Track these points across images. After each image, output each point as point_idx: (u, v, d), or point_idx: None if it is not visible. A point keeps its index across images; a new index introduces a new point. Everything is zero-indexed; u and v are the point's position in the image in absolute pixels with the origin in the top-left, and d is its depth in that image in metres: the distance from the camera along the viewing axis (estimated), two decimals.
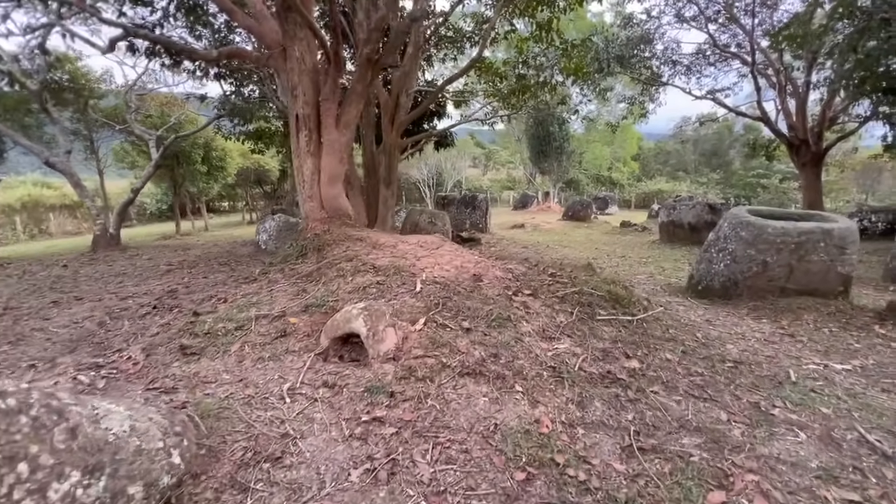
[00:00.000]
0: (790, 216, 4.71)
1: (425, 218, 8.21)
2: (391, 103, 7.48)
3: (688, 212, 9.26)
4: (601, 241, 11.14)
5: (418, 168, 26.69)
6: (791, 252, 4.23)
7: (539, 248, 9.41)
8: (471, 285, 3.29)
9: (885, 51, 7.92)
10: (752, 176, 36.61)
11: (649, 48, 14.08)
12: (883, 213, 10.58)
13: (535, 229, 14.54)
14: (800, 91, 12.39)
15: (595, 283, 3.60)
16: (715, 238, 4.75)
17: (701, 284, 4.80)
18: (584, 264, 5.27)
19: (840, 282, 4.28)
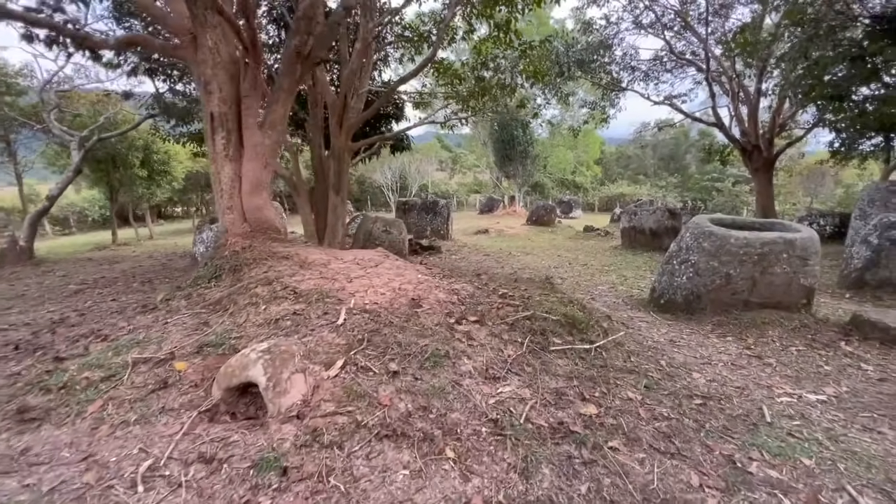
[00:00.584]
0: (752, 225, 4.52)
1: (380, 226, 7.69)
2: (339, 104, 6.93)
3: (648, 217, 9.17)
4: (564, 247, 10.94)
5: (381, 172, 26.03)
6: (754, 264, 4.01)
7: (501, 257, 9.07)
8: (407, 313, 2.82)
9: (831, 59, 8.07)
10: (707, 180, 38.04)
11: (609, 53, 14.14)
12: (830, 216, 10.90)
13: (499, 235, 14.26)
14: (751, 98, 12.69)
15: (550, 304, 3.21)
16: (677, 249, 4.49)
17: (663, 298, 4.53)
18: (543, 278, 4.91)
19: (803, 294, 4.09)
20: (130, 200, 14.62)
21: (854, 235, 7.45)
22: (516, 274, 6.68)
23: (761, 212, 13.21)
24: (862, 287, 5.42)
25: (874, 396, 2.62)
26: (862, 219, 7.27)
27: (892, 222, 5.24)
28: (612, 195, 36.44)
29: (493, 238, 13.49)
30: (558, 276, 6.72)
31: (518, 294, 3.39)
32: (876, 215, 7.13)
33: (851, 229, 7.54)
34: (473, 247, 10.78)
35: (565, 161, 35.67)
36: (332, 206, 7.40)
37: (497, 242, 12.21)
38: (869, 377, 2.90)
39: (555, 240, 12.92)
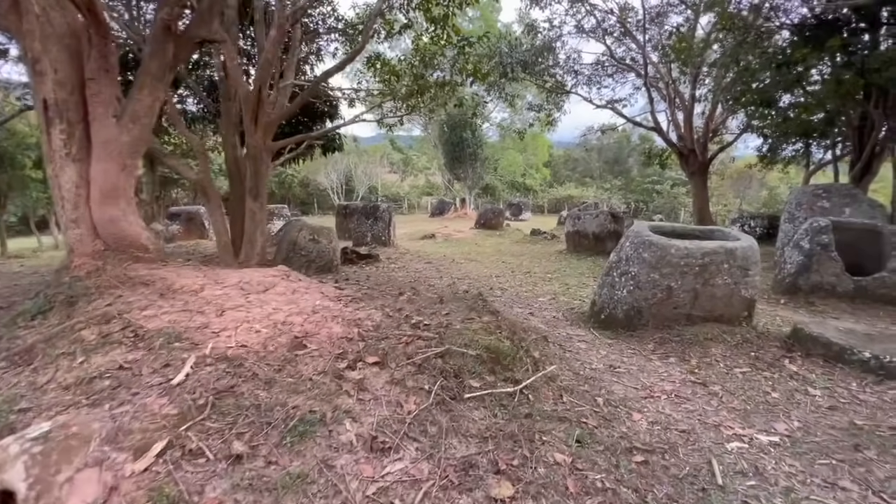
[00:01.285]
0: (692, 233, 4.27)
1: (306, 235, 6.94)
2: (253, 97, 6.13)
3: (591, 221, 9.02)
4: (510, 252, 10.63)
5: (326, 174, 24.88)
6: (696, 276, 3.72)
7: (443, 264, 8.57)
8: (283, 358, 2.20)
9: (759, 66, 8.24)
10: (648, 182, 39.82)
11: (552, 56, 14.10)
12: (760, 218, 11.34)
13: (445, 240, 13.79)
14: (686, 104, 13.05)
15: (472, 334, 2.70)
16: (617, 259, 4.15)
17: (604, 313, 4.18)
18: (475, 294, 4.42)
19: (744, 306, 3.86)
20: (24, 206, 12.77)
21: (784, 238, 7.60)
22: (454, 285, 6.18)
23: (697, 214, 13.63)
24: (796, 292, 5.38)
25: (827, 433, 2.31)
26: (790, 221, 7.43)
27: (821, 227, 5.23)
28: (561, 197, 37.24)
29: (439, 243, 13.00)
30: (499, 286, 6.30)
31: (436, 322, 2.85)
32: (804, 218, 7.29)
33: (781, 232, 7.69)
34: (416, 253, 10.21)
35: (515, 164, 36.03)
36: (250, 212, 6.57)
37: (442, 248, 11.71)
38: (818, 405, 2.62)
39: (501, 244, 12.63)
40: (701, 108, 14.10)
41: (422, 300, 3.65)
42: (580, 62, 15.33)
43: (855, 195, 7.07)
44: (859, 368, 3.01)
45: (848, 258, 5.31)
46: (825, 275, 5.17)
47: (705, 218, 13.43)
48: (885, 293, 5.00)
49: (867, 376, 2.93)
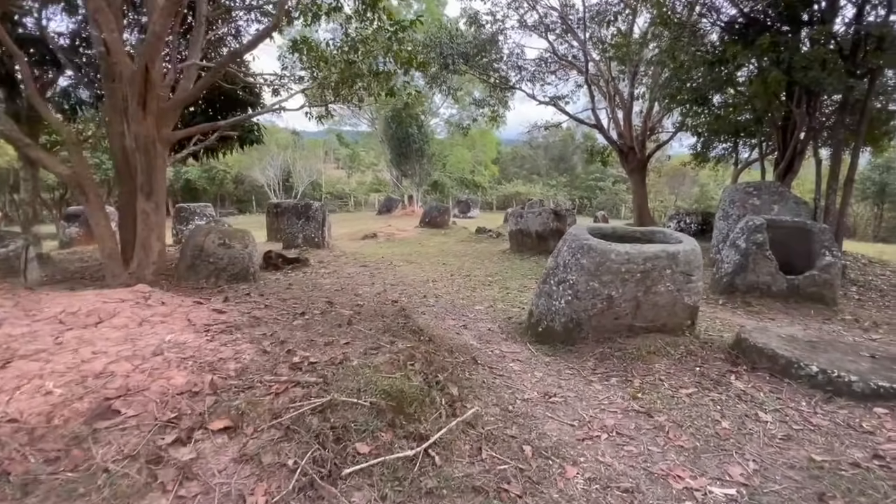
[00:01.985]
0: (633, 235, 3.95)
1: (214, 239, 6.03)
2: (138, 78, 5.16)
3: (534, 220, 8.73)
4: (453, 253, 10.16)
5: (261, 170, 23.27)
6: (637, 283, 3.37)
7: (379, 268, 7.93)
8: (74, 434, 1.51)
9: (694, 63, 8.26)
10: (591, 179, 41.18)
11: (496, 50, 13.78)
12: (695, 215, 11.62)
13: (388, 239, 13.11)
14: (625, 102, 13.21)
15: (370, 373, 2.12)
16: (554, 266, 3.73)
17: (541, 325, 3.75)
18: (397, 310, 3.85)
19: (687, 314, 3.57)
20: None
21: (718, 235, 7.68)
22: (384, 294, 5.58)
23: (637, 210, 13.89)
24: (733, 292, 5.28)
25: (787, 477, 1.96)
26: (724, 219, 7.51)
27: (756, 226, 5.14)
28: (509, 194, 37.57)
29: (380, 244, 12.30)
30: (435, 292, 5.77)
31: (327, 358, 2.25)
32: (737, 216, 7.37)
33: (716, 229, 7.77)
34: (353, 255, 9.48)
35: (464, 160, 35.81)
36: (142, 214, 5.59)
37: (382, 249, 11.04)
38: (772, 435, 2.30)
39: (445, 244, 12.15)
40: (639, 106, 14.41)
41: (325, 322, 3.02)
42: (524, 57, 15.16)
43: (782, 193, 7.23)
44: (807, 384, 2.75)
45: (780, 256, 5.28)
46: (761, 274, 5.10)
47: (644, 214, 13.71)
48: (815, 291, 4.99)
49: (816, 393, 2.68)
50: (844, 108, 6.92)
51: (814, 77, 5.99)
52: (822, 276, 4.91)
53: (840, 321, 4.76)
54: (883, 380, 2.61)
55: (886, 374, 2.72)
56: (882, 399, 2.55)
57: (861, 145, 7.36)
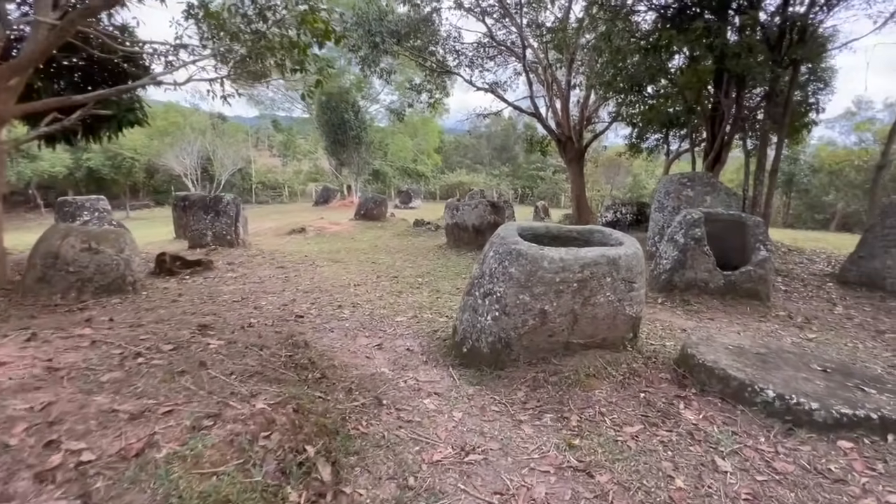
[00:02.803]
0: (568, 235, 3.44)
1: (75, 243, 4.83)
2: None
3: (470, 212, 8.18)
4: (385, 249, 9.40)
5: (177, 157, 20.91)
6: (574, 294, 2.85)
7: (298, 269, 7.01)
8: None
9: (630, 50, 8.01)
10: (532, 169, 41.73)
11: (431, 31, 12.99)
12: (630, 205, 11.68)
13: (317, 234, 12.05)
14: (563, 90, 13.00)
15: (177, 475, 1.37)
16: (480, 274, 3.13)
17: (466, 344, 3.15)
18: (286, 336, 3.09)
19: (629, 326, 3.12)
20: None
21: (654, 227, 7.55)
22: (291, 306, 4.74)
23: (575, 201, 13.85)
24: (672, 290, 5.02)
25: None
26: (660, 211, 7.37)
27: (695, 220, 4.88)
28: (452, 183, 37.11)
29: (308, 239, 11.25)
30: (353, 300, 5.01)
31: (114, 450, 1.46)
32: (672, 208, 7.24)
33: (652, 221, 7.64)
34: (272, 254, 8.43)
35: (405, 149, 34.76)
36: None
37: (308, 246, 10.03)
38: (735, 496, 1.83)
39: (380, 238, 11.34)
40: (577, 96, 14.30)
41: (164, 369, 2.19)
42: (461, 41, 14.51)
43: (714, 184, 7.20)
44: (763, 412, 2.36)
45: (715, 250, 5.09)
46: (699, 271, 4.86)
47: (582, 205, 13.70)
48: (751, 287, 4.83)
49: (774, 424, 2.29)
50: (770, 99, 6.95)
51: (745, 64, 5.87)
52: (758, 272, 4.75)
53: (774, 318, 4.62)
54: (843, 404, 2.26)
55: (843, 394, 2.39)
56: (845, 429, 2.20)
57: (785, 136, 7.50)
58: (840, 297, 5.93)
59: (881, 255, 6.13)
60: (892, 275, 6.00)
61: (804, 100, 8.58)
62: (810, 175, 22.75)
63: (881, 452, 2.07)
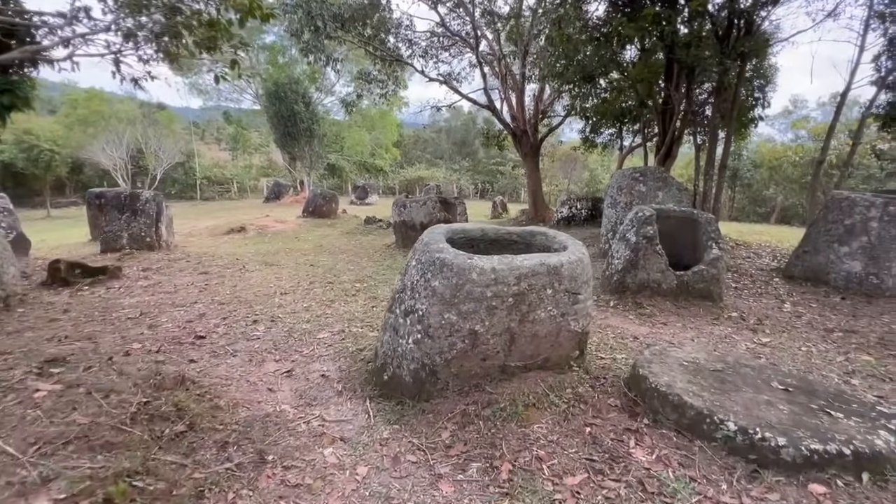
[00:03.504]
0: (507, 239, 2.99)
1: None
2: None
3: (418, 210, 7.66)
4: (330, 249, 8.73)
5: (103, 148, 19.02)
6: (510, 310, 2.40)
7: (225, 274, 6.25)
8: None
9: (581, 41, 7.72)
10: (492, 164, 41.68)
11: (379, 16, 12.28)
12: (585, 200, 11.53)
13: (259, 234, 11.15)
14: (518, 82, 12.68)
15: None
16: (401, 288, 2.63)
17: (388, 371, 2.64)
18: (148, 374, 2.47)
19: (575, 343, 2.72)
20: None
21: (608, 224, 7.32)
22: (200, 319, 4.07)
23: (531, 196, 13.63)
24: (624, 291, 4.72)
25: None
26: (613, 207, 7.15)
27: (647, 217, 4.60)
28: (412, 178, 36.40)
29: (247, 240, 10.36)
30: (274, 312, 4.38)
31: None
32: (625, 203, 7.03)
33: (605, 217, 7.41)
34: (198, 258, 7.56)
35: (362, 143, 33.65)
36: None
37: (245, 247, 9.18)
38: None
39: (327, 237, 10.61)
40: (532, 89, 14.06)
41: None
42: (413, 29, 13.89)
43: (666, 179, 7.04)
44: (725, 450, 2.00)
45: (667, 248, 4.84)
46: (651, 271, 4.58)
47: (539, 200, 13.49)
48: (703, 288, 4.61)
49: (737, 466, 1.93)
50: (719, 93, 6.84)
51: (694, 55, 5.68)
52: (710, 272, 4.52)
53: (727, 319, 4.41)
54: (811, 437, 1.94)
55: (810, 421, 2.07)
56: (815, 468, 1.87)
57: (732, 131, 7.47)
58: (787, 292, 5.88)
59: (824, 251, 6.15)
60: (835, 270, 6.02)
61: (750, 94, 8.66)
62: (752, 170, 23.83)
63: (857, 498, 1.75)
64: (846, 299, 5.61)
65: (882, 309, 5.27)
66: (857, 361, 3.47)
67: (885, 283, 5.70)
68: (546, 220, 12.77)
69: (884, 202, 5.78)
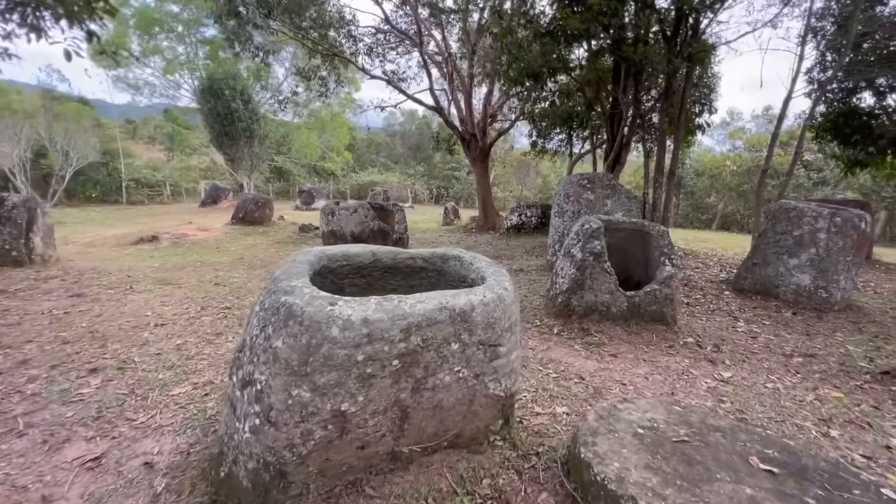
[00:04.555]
0: (412, 266, 2.23)
1: None
2: None
3: (348, 218, 6.79)
4: (250, 263, 7.65)
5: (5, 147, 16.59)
6: (397, 375, 1.63)
7: (100, 297, 5.08)
8: None
9: (527, 38, 7.18)
10: (447, 169, 41.21)
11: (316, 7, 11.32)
12: (535, 207, 11.09)
13: (173, 243, 9.80)
14: (465, 82, 12.10)
15: None
16: (240, 345, 1.80)
17: (224, 465, 1.79)
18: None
19: (496, 411, 2.00)
20: None
21: (555, 234, 6.78)
22: (14, 370, 3.00)
23: (481, 202, 13.07)
24: (570, 315, 4.11)
25: None
26: (560, 216, 6.61)
27: (594, 230, 4.01)
28: (364, 183, 35.19)
29: (156, 251, 9.02)
30: (132, 353, 3.39)
31: None
32: (573, 212, 6.50)
33: (552, 227, 6.87)
34: (80, 275, 6.27)
35: (310, 145, 32.06)
36: None
37: (147, 260, 7.91)
38: None
39: (252, 248, 9.47)
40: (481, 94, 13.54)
41: None
42: (356, 23, 13.01)
43: (614, 186, 6.60)
44: None
45: (617, 264, 4.30)
46: (599, 293, 3.99)
47: (488, 206, 12.95)
48: (656, 310, 4.07)
49: None
50: (667, 96, 6.49)
51: (643, 52, 5.24)
52: (664, 291, 3.99)
53: (683, 346, 3.89)
54: None
55: None
56: None
57: (682, 137, 7.18)
58: (739, 307, 5.55)
59: (774, 262, 5.89)
60: (785, 283, 5.77)
61: (697, 100, 8.52)
62: (695, 178, 24.71)
63: None
64: (797, 314, 5.33)
65: (833, 325, 5.01)
66: (828, 400, 2.99)
67: (833, 296, 5.48)
68: (496, 227, 12.24)
69: (830, 213, 5.58)
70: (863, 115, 9.54)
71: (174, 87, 30.36)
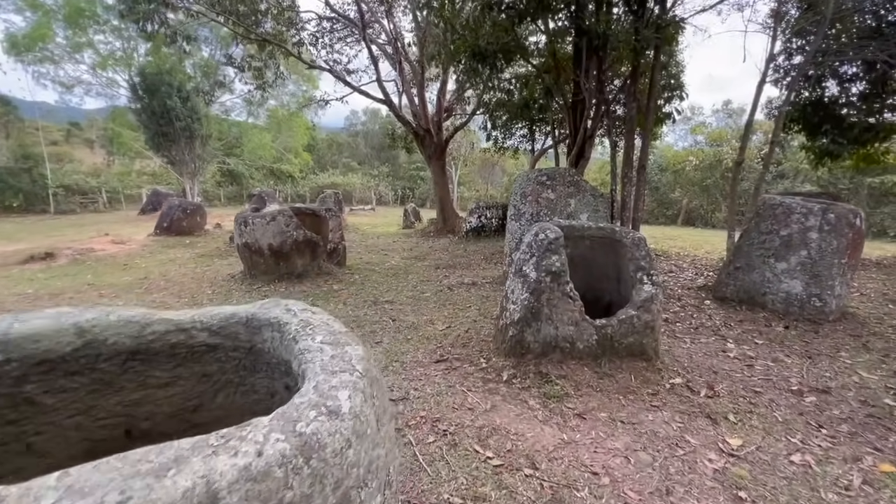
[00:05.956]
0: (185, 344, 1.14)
1: None
2: None
3: (265, 228, 5.59)
4: (156, 284, 6.32)
5: None
6: None
7: None
8: None
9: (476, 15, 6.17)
10: (413, 169, 40.04)
11: None
12: (495, 208, 10.16)
13: (74, 260, 8.28)
14: (417, 73, 11.04)
15: None
16: None
17: None
18: None
19: None
20: None
21: (511, 242, 5.82)
22: None
23: (439, 203, 12.04)
24: (524, 355, 3.11)
25: None
26: (517, 219, 5.65)
27: (551, 241, 3.03)
28: (324, 185, 33.53)
29: (45, 271, 7.52)
30: None
31: None
32: (531, 215, 5.55)
33: (508, 233, 5.90)
34: None
35: (264, 146, 30.16)
36: None
37: (21, 285, 6.45)
38: None
39: (168, 264, 8.07)
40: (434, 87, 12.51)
41: None
42: (296, 9, 11.72)
43: (578, 183, 5.69)
44: None
45: (581, 280, 3.36)
46: (561, 324, 3.01)
47: (447, 208, 11.94)
48: (634, 342, 3.12)
49: None
50: (635, 79, 5.64)
51: (605, 20, 4.34)
52: (643, 318, 3.05)
53: (670, 393, 2.96)
54: None
55: None
56: None
57: (651, 125, 6.37)
58: (724, 322, 4.74)
59: (759, 267, 5.12)
60: (773, 290, 5.00)
61: (666, 85, 7.80)
62: (659, 174, 24.57)
63: None
64: (790, 328, 4.57)
65: (833, 341, 4.25)
66: (880, 482, 2.11)
67: (828, 305, 4.74)
68: (456, 230, 11.25)
69: (822, 209, 4.83)
70: (832, 105, 9.11)
71: (111, 86, 27.87)
